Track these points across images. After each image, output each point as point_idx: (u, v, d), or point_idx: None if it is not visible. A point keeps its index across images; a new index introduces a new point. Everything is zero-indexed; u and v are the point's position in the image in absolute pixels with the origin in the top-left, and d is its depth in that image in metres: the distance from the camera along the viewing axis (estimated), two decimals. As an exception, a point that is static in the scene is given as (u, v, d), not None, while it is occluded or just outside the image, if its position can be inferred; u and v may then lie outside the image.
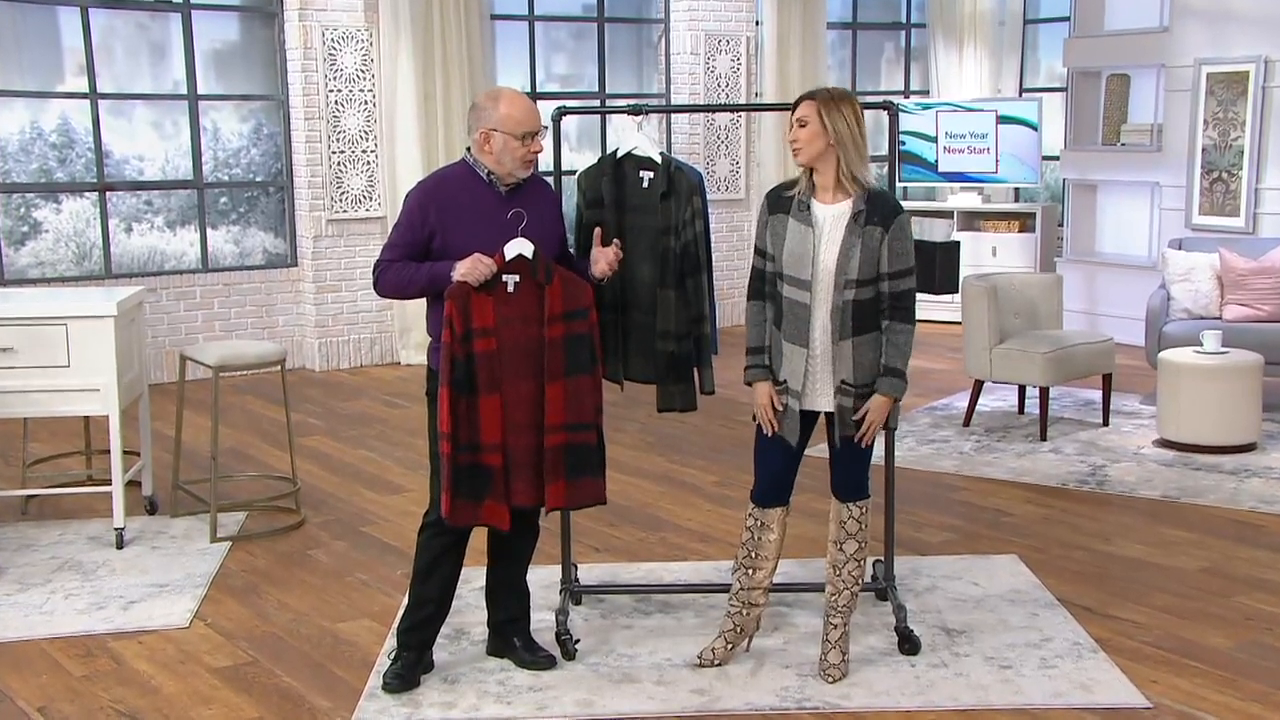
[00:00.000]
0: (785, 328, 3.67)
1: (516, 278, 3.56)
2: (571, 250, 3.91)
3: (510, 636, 3.89)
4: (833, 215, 3.62)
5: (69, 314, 4.89)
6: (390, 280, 3.65)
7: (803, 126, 3.60)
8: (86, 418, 5.68)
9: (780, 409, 3.69)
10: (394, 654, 3.81)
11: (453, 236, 3.60)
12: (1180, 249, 7.56)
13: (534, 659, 3.85)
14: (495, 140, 3.60)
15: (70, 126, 8.07)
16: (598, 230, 3.83)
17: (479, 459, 3.56)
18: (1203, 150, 8.58)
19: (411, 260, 3.63)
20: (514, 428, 3.58)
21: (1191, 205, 8.65)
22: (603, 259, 3.73)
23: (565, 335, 3.59)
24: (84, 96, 7.96)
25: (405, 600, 3.88)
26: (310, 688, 3.78)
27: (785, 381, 3.68)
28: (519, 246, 3.56)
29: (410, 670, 3.76)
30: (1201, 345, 6.42)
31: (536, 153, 3.65)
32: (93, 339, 4.87)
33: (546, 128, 3.74)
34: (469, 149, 3.70)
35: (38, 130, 8.01)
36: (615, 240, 3.80)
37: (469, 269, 3.51)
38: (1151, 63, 9.01)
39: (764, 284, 3.72)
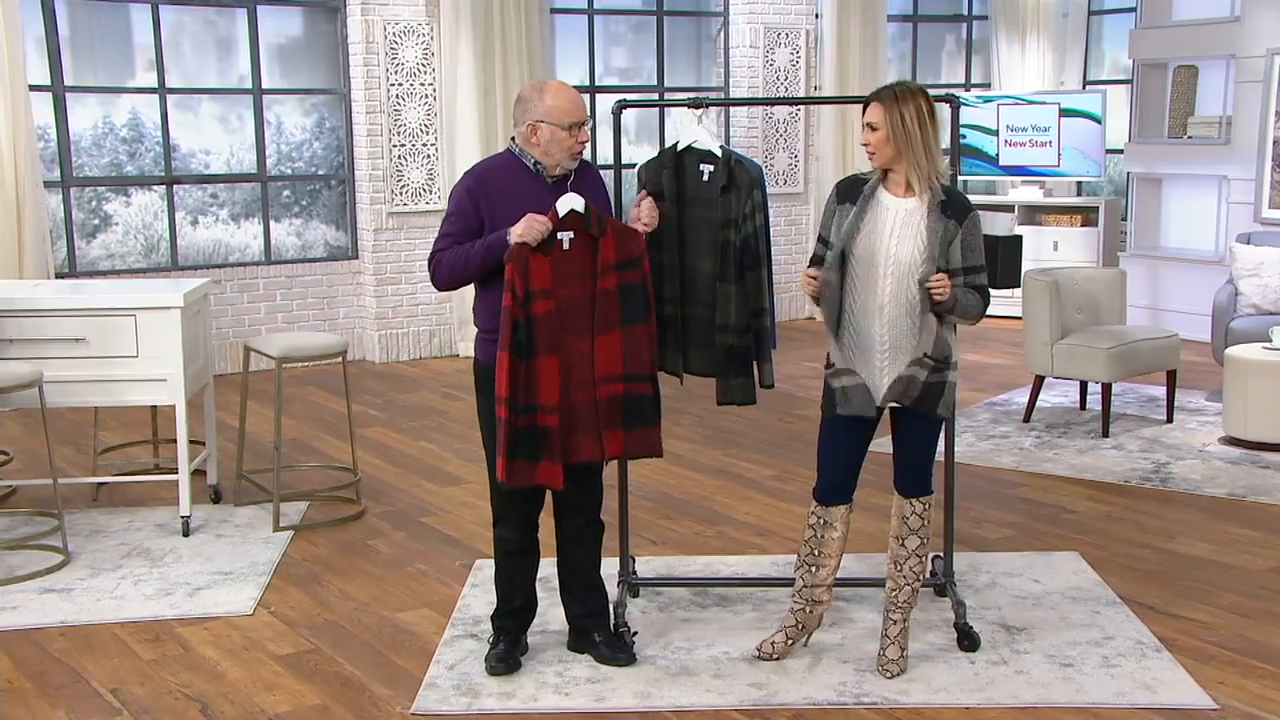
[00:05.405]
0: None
1: (571, 234, 3.56)
2: None
3: (590, 632, 3.90)
4: (905, 209, 3.60)
5: (137, 305, 4.98)
6: (446, 265, 3.64)
7: (874, 130, 3.56)
8: (154, 407, 5.78)
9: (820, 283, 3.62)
10: (491, 639, 3.88)
11: (502, 226, 3.60)
12: (1249, 243, 7.42)
13: (614, 656, 3.85)
14: (543, 132, 3.61)
15: (140, 121, 8.22)
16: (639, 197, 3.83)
17: (536, 420, 3.57)
18: (1274, 142, 8.41)
19: None
20: (577, 385, 3.59)
21: (1261, 198, 8.49)
22: (638, 219, 3.73)
23: (620, 285, 3.60)
24: (153, 91, 8.10)
25: (496, 592, 3.92)
26: (371, 676, 3.83)
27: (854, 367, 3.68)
28: (570, 202, 3.56)
29: (510, 651, 3.83)
30: (1271, 341, 6.31)
31: (583, 143, 3.65)
32: (160, 330, 4.97)
33: (590, 120, 3.72)
34: (514, 139, 3.70)
35: (109, 125, 8.17)
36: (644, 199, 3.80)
37: (525, 228, 3.51)
38: (1221, 53, 8.85)
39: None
